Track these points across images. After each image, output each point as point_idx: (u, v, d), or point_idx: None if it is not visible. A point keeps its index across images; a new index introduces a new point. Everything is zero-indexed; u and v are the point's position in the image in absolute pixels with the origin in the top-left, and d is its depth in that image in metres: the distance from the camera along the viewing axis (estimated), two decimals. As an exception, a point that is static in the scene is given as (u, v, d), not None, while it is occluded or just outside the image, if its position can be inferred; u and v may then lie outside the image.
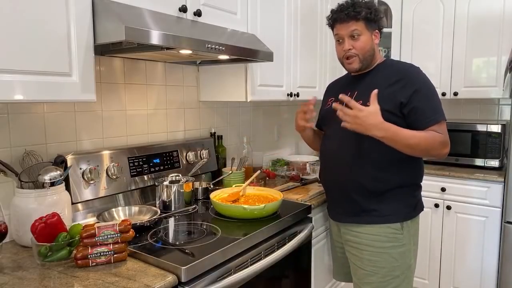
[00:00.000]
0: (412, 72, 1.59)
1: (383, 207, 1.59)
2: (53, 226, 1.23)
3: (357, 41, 1.59)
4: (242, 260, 1.39)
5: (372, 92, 1.45)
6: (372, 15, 1.58)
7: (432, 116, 1.52)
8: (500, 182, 2.45)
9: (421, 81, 1.56)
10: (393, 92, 1.54)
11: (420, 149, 1.50)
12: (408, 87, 1.53)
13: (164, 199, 1.73)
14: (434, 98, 1.56)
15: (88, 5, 1.25)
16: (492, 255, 2.50)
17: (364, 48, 1.60)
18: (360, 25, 1.58)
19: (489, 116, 3.02)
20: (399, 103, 1.53)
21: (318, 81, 2.63)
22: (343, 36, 1.61)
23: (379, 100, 1.52)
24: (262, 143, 2.78)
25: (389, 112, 1.52)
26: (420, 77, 1.58)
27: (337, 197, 1.71)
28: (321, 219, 2.03)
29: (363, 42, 1.59)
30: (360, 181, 1.59)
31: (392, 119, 1.51)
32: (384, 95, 1.53)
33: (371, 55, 1.63)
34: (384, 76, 1.61)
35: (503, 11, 2.60)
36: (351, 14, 1.56)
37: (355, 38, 1.59)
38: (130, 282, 1.09)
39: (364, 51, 1.60)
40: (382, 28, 1.65)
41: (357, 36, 1.58)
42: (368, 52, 1.61)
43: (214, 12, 1.74)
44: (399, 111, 1.53)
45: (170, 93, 2.07)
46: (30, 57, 1.11)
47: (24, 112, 1.48)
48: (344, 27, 1.60)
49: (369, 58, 1.63)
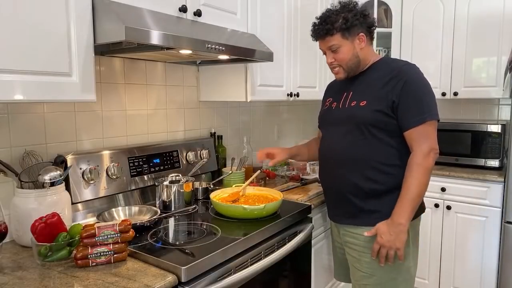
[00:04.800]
0: (404, 70, 1.54)
1: (382, 208, 1.57)
2: (53, 226, 1.23)
3: (337, 54, 1.58)
4: (242, 260, 1.39)
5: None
6: (349, 23, 1.54)
7: (415, 117, 1.48)
8: (500, 182, 2.45)
9: (411, 77, 1.51)
10: (386, 92, 1.52)
11: (426, 181, 1.50)
12: (399, 86, 1.51)
13: (164, 199, 1.73)
14: (423, 96, 1.50)
15: (88, 5, 1.25)
16: (492, 255, 2.50)
17: (344, 59, 1.59)
18: (337, 38, 1.56)
19: (489, 116, 3.02)
20: (391, 102, 1.51)
21: (318, 81, 2.63)
22: (324, 50, 1.64)
23: (373, 100, 1.53)
24: (262, 143, 2.78)
25: (381, 113, 1.51)
26: (410, 72, 1.53)
27: (335, 199, 1.71)
28: (321, 219, 2.03)
29: (343, 53, 1.58)
30: (356, 182, 1.58)
31: (384, 119, 1.51)
32: (378, 95, 1.54)
33: (356, 62, 1.60)
34: (379, 75, 1.58)
35: (503, 11, 2.60)
36: (324, 31, 1.57)
37: (334, 51, 1.59)
38: (130, 282, 1.10)
39: (346, 61, 1.59)
40: (371, 26, 1.61)
41: (336, 49, 1.58)
42: (350, 61, 1.59)
43: (214, 12, 1.74)
44: (391, 111, 1.51)
45: (170, 93, 2.07)
46: (30, 57, 1.11)
47: (24, 112, 1.48)
48: (322, 42, 1.62)
49: (353, 65, 1.60)
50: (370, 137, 1.54)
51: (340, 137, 1.62)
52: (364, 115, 1.54)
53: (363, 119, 1.54)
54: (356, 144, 1.57)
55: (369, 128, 1.54)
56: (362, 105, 1.56)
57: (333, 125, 1.68)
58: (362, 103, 1.56)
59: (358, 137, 1.56)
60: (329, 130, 1.71)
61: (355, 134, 1.57)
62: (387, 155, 1.54)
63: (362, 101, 1.57)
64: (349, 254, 1.69)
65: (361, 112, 1.55)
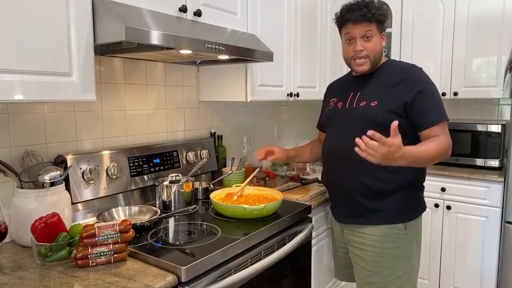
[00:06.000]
0: (415, 72, 1.60)
1: (387, 207, 1.59)
2: (53, 226, 1.23)
3: (369, 42, 1.57)
4: (242, 260, 1.39)
5: (392, 124, 1.33)
6: (383, 17, 1.58)
7: (435, 116, 1.53)
8: (500, 182, 2.45)
9: (424, 81, 1.58)
10: (397, 93, 1.55)
11: (435, 160, 1.53)
12: (411, 87, 1.55)
13: (164, 199, 1.73)
14: (437, 98, 1.57)
15: (88, 5, 1.25)
16: (492, 255, 2.50)
17: (375, 50, 1.59)
18: (373, 26, 1.56)
19: (489, 116, 3.02)
20: (403, 103, 1.54)
21: (318, 81, 2.63)
22: (355, 36, 1.58)
23: (383, 100, 1.54)
24: (262, 143, 2.78)
25: (393, 113, 1.53)
26: (423, 77, 1.59)
27: (341, 199, 1.71)
28: (321, 219, 2.03)
29: (375, 43, 1.58)
30: (363, 182, 1.59)
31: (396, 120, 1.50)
32: (389, 96, 1.56)
33: (380, 56, 1.64)
34: (388, 76, 1.61)
35: (503, 11, 2.60)
36: (366, 15, 1.54)
37: (367, 39, 1.57)
38: (130, 282, 1.09)
39: (375, 52, 1.59)
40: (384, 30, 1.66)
41: (370, 37, 1.57)
42: (378, 54, 1.61)
43: (214, 12, 1.74)
44: (403, 111, 1.54)
45: (170, 93, 2.07)
46: (30, 57, 1.11)
47: (24, 112, 1.48)
48: (358, 27, 1.57)
49: (378, 59, 1.63)
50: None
51: (348, 137, 1.57)
52: (376, 115, 1.56)
53: (375, 119, 1.54)
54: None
55: (380, 128, 1.51)
56: (373, 105, 1.58)
57: (340, 125, 1.68)
58: (373, 103, 1.58)
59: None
60: (335, 130, 1.71)
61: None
62: None
63: (373, 101, 1.59)
64: (354, 253, 1.69)
65: (372, 112, 1.57)
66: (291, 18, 2.31)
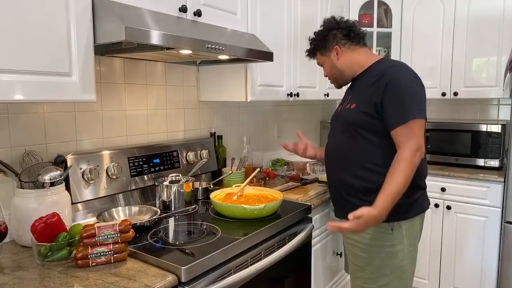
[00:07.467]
0: (389, 72, 1.53)
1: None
2: (53, 226, 1.23)
3: (324, 69, 1.80)
4: (242, 260, 1.39)
5: (349, 217, 1.40)
6: (320, 43, 1.73)
7: (398, 117, 1.47)
8: (500, 182, 2.45)
9: (394, 77, 1.50)
10: (370, 94, 1.55)
11: (409, 178, 1.45)
12: (381, 88, 1.51)
13: (164, 199, 1.73)
14: (406, 95, 1.49)
15: (88, 5, 1.25)
16: (492, 255, 2.50)
17: (329, 73, 1.78)
18: (318, 57, 1.79)
19: (489, 116, 3.02)
20: (373, 103, 1.53)
21: (318, 81, 2.62)
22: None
23: (359, 103, 1.58)
24: (262, 143, 2.78)
25: (366, 114, 1.55)
26: (395, 73, 1.52)
27: (333, 195, 1.78)
28: (321, 219, 2.03)
29: (326, 69, 1.78)
30: (347, 181, 1.63)
31: (368, 120, 1.54)
32: (364, 97, 1.58)
33: (338, 72, 1.73)
34: (366, 78, 1.62)
35: (503, 11, 2.60)
36: (310, 52, 1.82)
37: (321, 67, 1.81)
38: (130, 282, 1.09)
39: (331, 74, 1.77)
40: (349, 31, 1.68)
41: (322, 65, 1.80)
42: (334, 74, 1.75)
43: (214, 12, 1.74)
44: (375, 112, 1.53)
45: (170, 93, 2.07)
46: (30, 57, 1.11)
47: (24, 112, 1.48)
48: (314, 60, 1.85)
49: (337, 76, 1.75)
50: (360, 138, 1.59)
51: (336, 139, 1.71)
52: (351, 117, 1.61)
53: (351, 121, 1.61)
54: (347, 145, 1.62)
55: (357, 129, 1.59)
56: (352, 108, 1.62)
57: (333, 127, 1.77)
58: (353, 106, 1.62)
59: (349, 138, 1.62)
60: (331, 132, 1.78)
61: (346, 136, 1.63)
62: (377, 154, 1.56)
63: (353, 103, 1.63)
64: (347, 248, 1.75)
65: (350, 114, 1.62)
66: (291, 18, 2.31)
